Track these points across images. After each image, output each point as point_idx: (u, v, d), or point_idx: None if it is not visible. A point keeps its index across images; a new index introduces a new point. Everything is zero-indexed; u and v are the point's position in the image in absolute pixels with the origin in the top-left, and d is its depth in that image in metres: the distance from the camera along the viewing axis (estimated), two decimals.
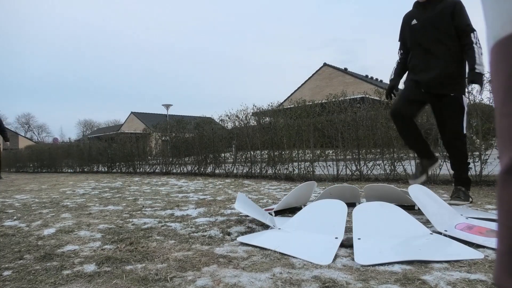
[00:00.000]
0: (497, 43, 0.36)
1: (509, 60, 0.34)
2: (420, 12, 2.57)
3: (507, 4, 0.34)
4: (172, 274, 1.24)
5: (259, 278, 1.18)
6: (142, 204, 3.05)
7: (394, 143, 4.30)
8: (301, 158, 5.26)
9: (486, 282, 1.08)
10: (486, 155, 3.59)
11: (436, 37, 2.45)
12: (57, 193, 4.25)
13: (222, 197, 3.36)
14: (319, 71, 24.26)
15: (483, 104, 3.68)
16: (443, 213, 1.82)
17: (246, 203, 2.09)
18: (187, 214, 2.50)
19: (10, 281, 1.23)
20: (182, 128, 7.57)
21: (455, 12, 2.39)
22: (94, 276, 1.25)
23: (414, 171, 2.82)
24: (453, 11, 2.39)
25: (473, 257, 1.30)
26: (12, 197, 3.96)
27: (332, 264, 1.31)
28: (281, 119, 5.59)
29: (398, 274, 1.17)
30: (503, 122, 0.34)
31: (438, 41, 2.45)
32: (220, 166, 6.64)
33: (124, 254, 1.50)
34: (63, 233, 1.96)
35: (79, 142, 13.49)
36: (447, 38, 2.42)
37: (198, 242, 1.70)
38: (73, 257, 1.49)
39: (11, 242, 1.81)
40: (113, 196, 3.79)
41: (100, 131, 43.41)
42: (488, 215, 1.98)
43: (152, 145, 8.65)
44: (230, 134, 6.63)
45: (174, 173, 7.48)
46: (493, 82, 0.37)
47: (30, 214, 2.67)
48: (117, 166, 9.45)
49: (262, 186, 4.35)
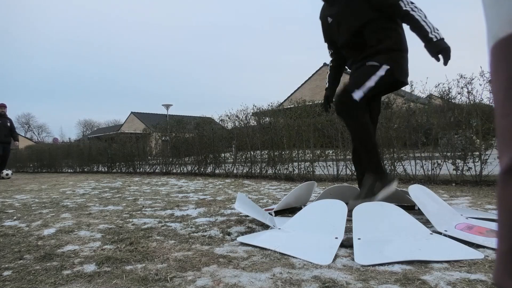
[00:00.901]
0: (497, 43, 0.36)
1: (509, 60, 0.34)
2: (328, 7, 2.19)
3: (507, 4, 0.34)
4: (172, 274, 1.24)
5: (259, 278, 1.18)
6: (142, 204, 3.05)
7: (394, 143, 4.30)
8: (301, 158, 5.26)
9: (486, 282, 1.08)
10: (486, 155, 3.59)
11: (355, 31, 2.05)
12: (57, 193, 4.25)
13: (222, 197, 3.36)
14: (319, 71, 24.24)
15: (483, 104, 3.68)
16: (443, 213, 1.82)
17: (246, 203, 2.09)
18: (187, 214, 2.50)
19: (10, 281, 1.23)
20: (182, 128, 7.57)
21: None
22: (94, 276, 1.25)
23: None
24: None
25: (473, 257, 1.30)
26: (12, 197, 3.96)
27: (332, 264, 1.31)
28: (281, 119, 5.59)
29: (398, 274, 1.17)
30: (503, 122, 0.34)
31: (359, 34, 2.05)
32: (220, 166, 6.64)
33: (124, 254, 1.50)
34: (63, 233, 1.96)
35: (79, 142, 13.49)
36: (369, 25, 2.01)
37: (198, 242, 1.70)
38: (73, 257, 1.49)
39: (11, 242, 1.81)
40: (113, 196, 3.79)
41: (100, 131, 43.40)
42: (488, 215, 1.98)
43: (152, 145, 8.65)
44: (230, 134, 6.63)
45: (174, 173, 7.48)
46: (493, 82, 0.37)
47: (30, 214, 2.67)
48: (117, 166, 9.45)
49: (262, 186, 4.35)
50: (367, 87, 1.94)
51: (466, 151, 3.68)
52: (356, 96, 1.93)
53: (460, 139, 3.72)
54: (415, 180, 3.98)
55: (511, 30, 0.33)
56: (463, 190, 3.22)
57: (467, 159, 3.69)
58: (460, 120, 3.79)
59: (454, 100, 3.88)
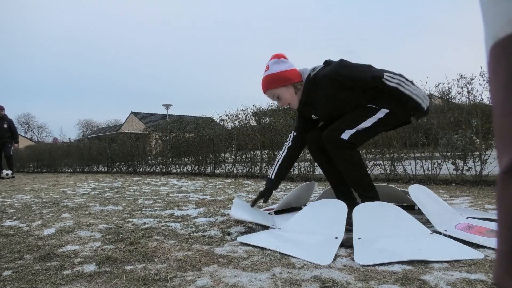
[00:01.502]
0: (496, 43, 0.36)
1: (509, 60, 0.34)
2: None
3: (506, 4, 0.34)
4: (172, 274, 1.24)
5: (259, 278, 1.18)
6: (142, 204, 3.05)
7: (394, 143, 4.30)
8: (301, 158, 5.26)
9: (486, 282, 1.08)
10: (486, 155, 3.59)
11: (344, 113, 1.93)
12: (57, 193, 4.25)
13: (222, 197, 3.36)
14: None
15: (483, 104, 3.68)
16: (443, 213, 1.82)
17: (243, 207, 2.09)
18: (187, 214, 2.50)
19: (10, 281, 1.23)
20: (182, 128, 7.56)
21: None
22: (94, 276, 1.25)
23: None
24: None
25: (473, 257, 1.30)
26: (12, 197, 3.96)
27: (332, 264, 1.31)
28: (281, 119, 5.59)
29: (398, 274, 1.17)
30: (503, 122, 0.34)
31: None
32: (220, 166, 6.64)
33: (124, 254, 1.50)
34: (63, 233, 1.97)
35: (79, 142, 13.48)
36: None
37: (198, 242, 1.70)
38: (73, 257, 1.49)
39: (11, 242, 1.81)
40: (113, 196, 3.79)
41: (100, 131, 43.42)
42: (488, 215, 1.98)
43: (152, 145, 8.65)
44: (230, 134, 6.63)
45: (174, 173, 7.48)
46: (492, 83, 0.37)
47: (30, 214, 2.67)
48: (117, 166, 9.45)
49: (262, 186, 4.35)
50: (362, 127, 1.84)
51: (466, 151, 3.68)
52: (345, 136, 1.83)
53: (460, 139, 3.71)
54: (415, 180, 3.98)
55: (511, 30, 0.33)
56: (463, 190, 3.22)
57: (467, 159, 3.69)
58: (460, 120, 3.79)
59: (454, 100, 3.88)
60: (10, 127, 8.31)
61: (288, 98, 1.98)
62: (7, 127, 8.22)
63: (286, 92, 1.96)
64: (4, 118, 8.20)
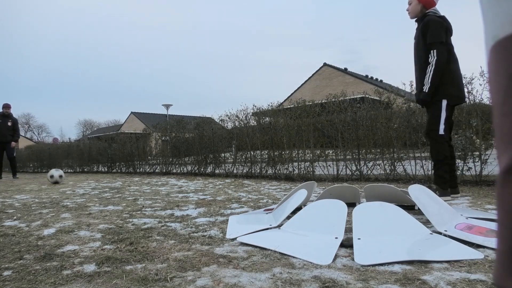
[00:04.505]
0: (496, 43, 0.36)
1: (509, 60, 0.34)
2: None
3: (506, 4, 0.34)
4: (172, 274, 1.24)
5: (259, 278, 1.18)
6: (142, 204, 3.05)
7: (394, 143, 4.30)
8: (301, 158, 5.26)
9: (486, 282, 1.08)
10: (486, 155, 3.59)
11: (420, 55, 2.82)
12: (57, 193, 4.25)
13: (222, 197, 3.36)
14: (319, 71, 24.26)
15: (483, 104, 3.68)
16: (443, 213, 1.82)
17: (239, 221, 2.09)
18: (187, 214, 2.50)
19: (10, 281, 1.23)
20: (182, 128, 7.57)
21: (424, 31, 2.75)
22: (94, 276, 1.25)
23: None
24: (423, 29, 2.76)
25: (473, 257, 1.30)
26: (12, 197, 3.96)
27: (332, 264, 1.31)
28: (281, 119, 5.59)
29: (398, 274, 1.17)
30: (504, 122, 0.34)
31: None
32: (220, 166, 6.64)
33: (124, 254, 1.50)
34: (63, 233, 1.96)
35: (79, 142, 13.48)
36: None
37: (198, 242, 1.70)
38: (73, 257, 1.49)
39: (11, 242, 1.81)
40: (113, 196, 3.79)
41: (100, 131, 43.41)
42: (488, 215, 1.98)
43: (152, 145, 8.65)
44: (230, 134, 6.63)
45: (174, 173, 7.48)
46: (492, 82, 0.37)
47: (30, 214, 2.67)
48: (117, 166, 9.45)
49: (262, 186, 4.35)
50: (443, 119, 2.69)
51: (466, 151, 3.68)
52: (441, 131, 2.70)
53: (460, 139, 3.72)
54: (415, 180, 3.98)
55: (511, 31, 0.33)
56: (463, 190, 3.22)
57: (467, 159, 3.69)
58: (460, 120, 3.79)
59: None
60: (14, 126, 8.32)
61: (414, 7, 2.89)
62: (11, 126, 8.23)
63: (417, 5, 2.87)
64: (9, 116, 8.20)
